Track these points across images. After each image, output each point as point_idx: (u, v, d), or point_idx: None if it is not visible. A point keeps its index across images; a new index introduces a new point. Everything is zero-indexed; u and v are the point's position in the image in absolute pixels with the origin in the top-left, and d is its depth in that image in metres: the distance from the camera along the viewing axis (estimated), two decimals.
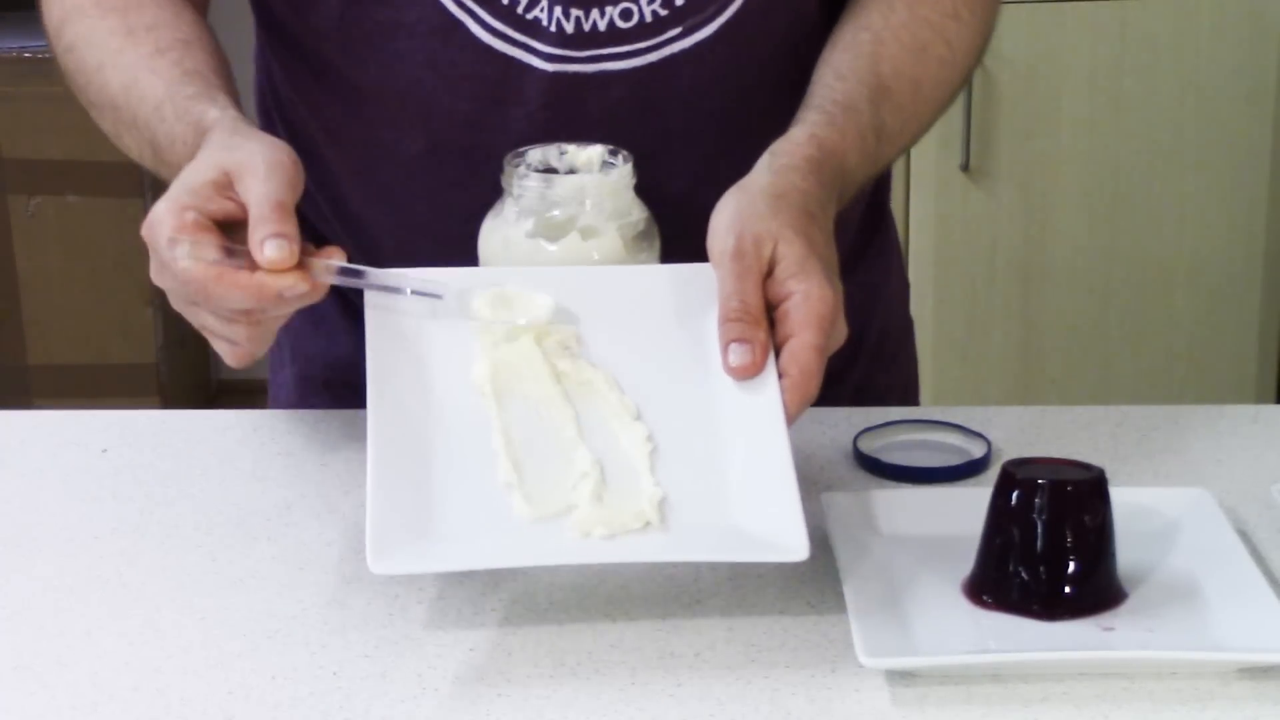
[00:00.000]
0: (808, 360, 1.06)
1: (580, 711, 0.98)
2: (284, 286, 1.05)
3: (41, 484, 1.24)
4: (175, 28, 1.24)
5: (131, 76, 1.22)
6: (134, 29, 1.24)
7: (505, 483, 1.05)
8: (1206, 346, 2.92)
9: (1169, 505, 1.14)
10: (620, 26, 1.25)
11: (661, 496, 1.05)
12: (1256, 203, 2.86)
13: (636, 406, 1.09)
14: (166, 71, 1.20)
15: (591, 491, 1.04)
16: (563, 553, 1.03)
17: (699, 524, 1.04)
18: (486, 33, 1.25)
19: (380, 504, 1.02)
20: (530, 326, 1.10)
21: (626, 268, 1.16)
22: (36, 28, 1.34)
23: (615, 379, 1.10)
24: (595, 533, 1.03)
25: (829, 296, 1.08)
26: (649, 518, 1.04)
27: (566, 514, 1.04)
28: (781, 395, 1.06)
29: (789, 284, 1.08)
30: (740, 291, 1.08)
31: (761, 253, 1.09)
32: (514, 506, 1.04)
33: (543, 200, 1.16)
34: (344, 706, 0.98)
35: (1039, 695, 0.98)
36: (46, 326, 3.08)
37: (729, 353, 1.07)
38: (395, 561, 1.00)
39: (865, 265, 1.43)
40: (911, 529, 1.13)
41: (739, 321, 1.07)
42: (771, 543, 1.02)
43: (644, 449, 1.07)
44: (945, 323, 2.84)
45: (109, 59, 1.24)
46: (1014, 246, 2.85)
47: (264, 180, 1.07)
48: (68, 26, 1.28)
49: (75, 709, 0.99)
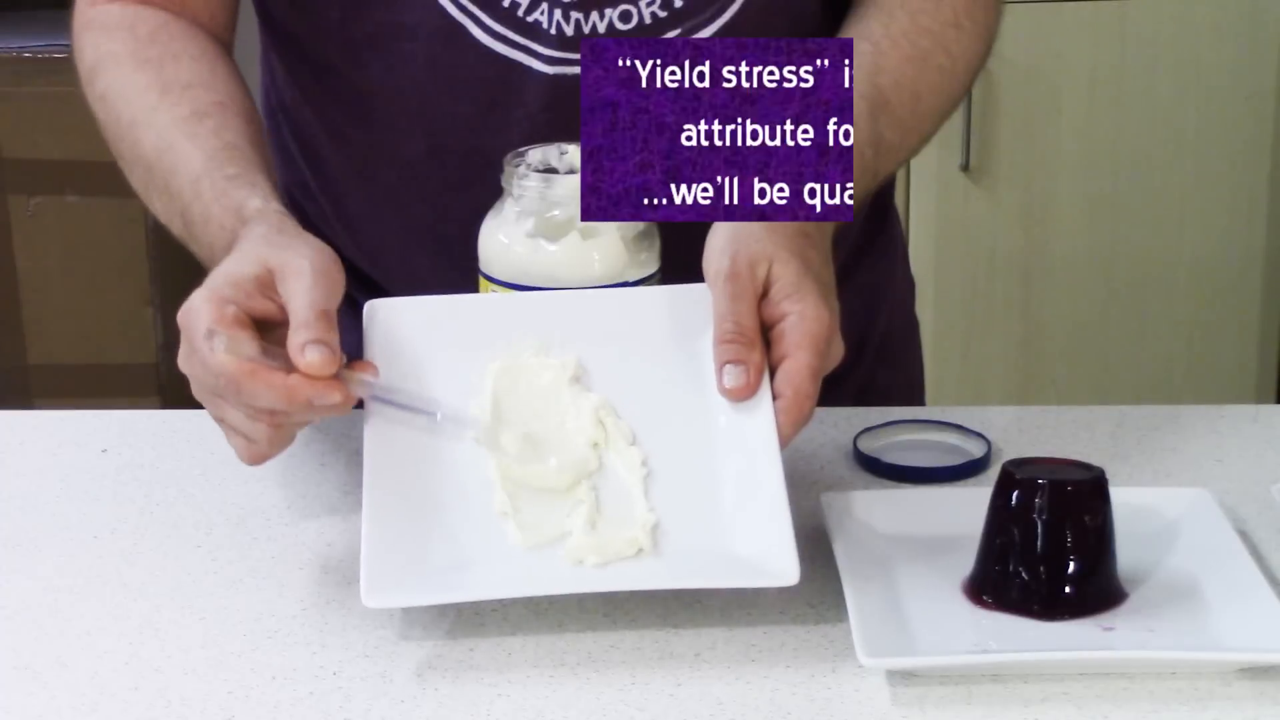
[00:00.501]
0: (802, 382, 1.06)
1: (580, 711, 0.98)
2: (315, 394, 1.03)
3: (41, 484, 1.24)
4: (211, 87, 1.22)
5: (167, 141, 1.20)
6: (169, 86, 1.22)
7: (500, 512, 1.06)
8: (1206, 346, 2.92)
9: (1169, 505, 1.13)
10: (620, 28, 1.25)
11: (655, 522, 1.06)
12: (1256, 202, 2.86)
13: (632, 431, 1.10)
14: (205, 142, 1.18)
15: (586, 518, 1.05)
16: (555, 583, 1.04)
17: (691, 550, 1.05)
18: (487, 35, 1.25)
19: (375, 537, 1.03)
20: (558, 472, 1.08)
21: (623, 290, 1.16)
22: (36, 28, 1.34)
23: (611, 404, 1.10)
24: (588, 560, 1.04)
25: (824, 317, 1.08)
26: (641, 544, 1.05)
27: (560, 541, 1.05)
28: (776, 417, 1.06)
29: (784, 305, 1.08)
30: (735, 313, 1.08)
31: (756, 274, 1.09)
32: (508, 535, 1.05)
33: (543, 200, 1.17)
34: (344, 706, 0.98)
35: (1039, 695, 0.98)
36: (46, 326, 3.08)
37: (724, 374, 1.07)
38: (389, 595, 1.01)
39: (869, 263, 1.43)
40: (911, 529, 1.13)
41: (733, 343, 1.07)
42: (762, 568, 1.03)
43: (639, 474, 1.08)
44: (945, 323, 2.84)
45: (142, 117, 1.22)
46: (1014, 246, 2.85)
47: (310, 286, 1.05)
48: (100, 75, 1.26)
49: (75, 709, 0.99)
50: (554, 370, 1.12)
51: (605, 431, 1.10)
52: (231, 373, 1.03)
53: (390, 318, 1.12)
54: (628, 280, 1.17)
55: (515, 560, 1.05)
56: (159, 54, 1.24)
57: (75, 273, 3.05)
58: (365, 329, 1.12)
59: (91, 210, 2.99)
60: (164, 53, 1.24)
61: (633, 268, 1.17)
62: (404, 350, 1.11)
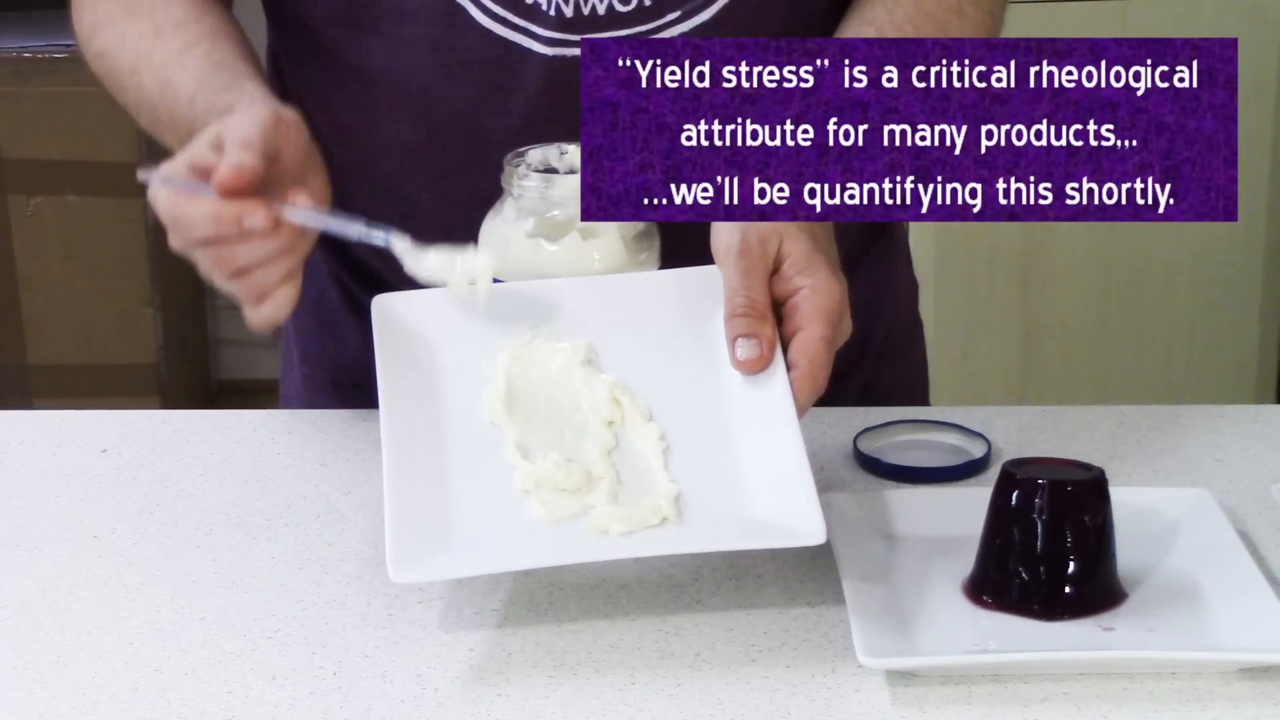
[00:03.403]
0: (816, 351, 1.07)
1: (580, 711, 0.98)
2: (243, 211, 1.08)
3: (41, 484, 1.24)
4: (200, 21, 1.27)
5: (165, 76, 1.24)
6: (161, 28, 1.26)
7: (521, 489, 1.06)
8: (1206, 346, 2.92)
9: (1169, 505, 1.14)
10: (619, 10, 1.26)
11: (677, 493, 1.05)
12: (1256, 202, 2.86)
13: (648, 408, 1.09)
14: (195, 67, 1.23)
15: (608, 492, 1.05)
16: (582, 551, 1.04)
17: (715, 517, 1.05)
18: (486, 17, 1.26)
19: (398, 515, 1.03)
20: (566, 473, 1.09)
21: (633, 275, 1.16)
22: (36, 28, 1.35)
23: (626, 384, 1.10)
24: (613, 530, 1.03)
25: (836, 290, 1.08)
26: (666, 513, 1.04)
27: (584, 515, 1.05)
28: (790, 385, 1.06)
29: (796, 279, 1.09)
30: (746, 287, 1.08)
31: (767, 250, 1.09)
32: (530, 511, 1.05)
33: (543, 200, 1.17)
34: (344, 706, 0.98)
35: (1039, 695, 0.98)
36: (46, 326, 3.08)
37: (736, 347, 1.08)
38: (416, 570, 1.01)
39: (868, 264, 1.43)
40: (911, 529, 1.13)
41: (745, 317, 1.08)
42: (788, 528, 1.02)
43: (657, 448, 1.08)
44: (945, 323, 2.84)
45: (141, 61, 1.26)
46: (1014, 246, 2.85)
47: (239, 124, 1.11)
48: (98, 34, 1.31)
49: (75, 709, 0.99)
50: (565, 354, 1.12)
51: (621, 409, 1.09)
52: (165, 204, 1.10)
53: (399, 311, 1.13)
54: None
55: (540, 534, 1.04)
56: (150, 2, 1.28)
57: (75, 273, 3.05)
58: (375, 323, 1.12)
59: (91, 210, 2.99)
60: (155, 1, 1.28)
61: (633, 268, 1.17)
62: (414, 343, 1.12)
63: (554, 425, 1.09)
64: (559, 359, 1.12)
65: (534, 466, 1.06)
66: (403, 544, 1.01)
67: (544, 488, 1.05)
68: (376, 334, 1.12)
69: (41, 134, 2.95)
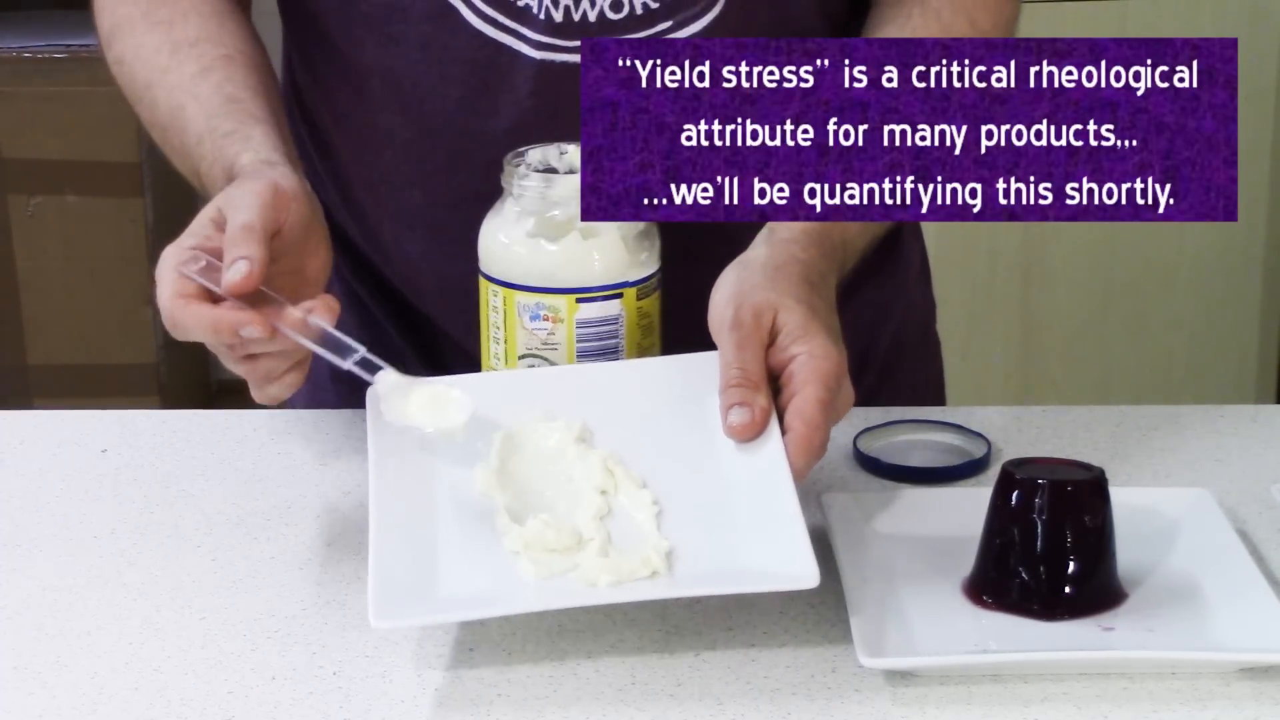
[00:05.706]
0: (812, 414, 1.06)
1: (580, 711, 0.98)
2: (240, 323, 1.07)
3: (41, 484, 1.24)
4: (218, 41, 1.26)
5: (178, 101, 1.24)
6: (178, 45, 1.26)
7: (511, 550, 1.05)
8: (1206, 346, 2.92)
9: (1169, 505, 1.14)
10: (610, 18, 1.26)
11: (669, 548, 1.05)
12: (1256, 202, 2.86)
13: (642, 478, 1.09)
14: (208, 98, 1.22)
15: (598, 549, 1.04)
16: (570, 599, 1.03)
17: (705, 569, 1.04)
18: (478, 18, 1.26)
19: (382, 565, 1.02)
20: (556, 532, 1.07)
21: (630, 361, 1.16)
22: (36, 28, 1.35)
23: (619, 457, 1.10)
24: (601, 581, 1.03)
25: (833, 354, 1.08)
26: (655, 566, 1.03)
27: (573, 570, 1.04)
28: (786, 449, 1.06)
29: (792, 348, 1.09)
30: (740, 360, 1.08)
31: (761, 322, 1.09)
32: (520, 569, 1.04)
33: (543, 200, 1.17)
34: (344, 706, 0.98)
35: (1039, 695, 0.98)
36: (46, 326, 3.08)
37: (728, 415, 1.08)
38: (398, 615, 1.00)
39: (876, 282, 1.42)
40: (911, 529, 1.13)
41: (738, 387, 1.08)
42: (779, 572, 1.01)
43: (650, 512, 1.07)
44: (945, 323, 2.83)
45: (156, 79, 1.26)
46: (1014, 246, 2.85)
47: (243, 208, 1.10)
48: (117, 39, 1.30)
49: (75, 709, 0.99)
50: (560, 432, 1.11)
51: (614, 478, 1.09)
52: (167, 308, 1.09)
53: (393, 398, 1.11)
54: (628, 280, 1.17)
55: (528, 587, 1.03)
56: (169, 14, 1.28)
57: (75, 273, 3.05)
58: (369, 409, 1.12)
59: (91, 210, 2.99)
60: (174, 12, 1.28)
61: (633, 268, 1.17)
62: (408, 430, 1.11)
63: (546, 497, 1.09)
64: (554, 437, 1.11)
65: (524, 528, 1.05)
66: (386, 591, 1.00)
67: (534, 548, 1.04)
68: (370, 418, 1.11)
69: (41, 134, 2.95)
